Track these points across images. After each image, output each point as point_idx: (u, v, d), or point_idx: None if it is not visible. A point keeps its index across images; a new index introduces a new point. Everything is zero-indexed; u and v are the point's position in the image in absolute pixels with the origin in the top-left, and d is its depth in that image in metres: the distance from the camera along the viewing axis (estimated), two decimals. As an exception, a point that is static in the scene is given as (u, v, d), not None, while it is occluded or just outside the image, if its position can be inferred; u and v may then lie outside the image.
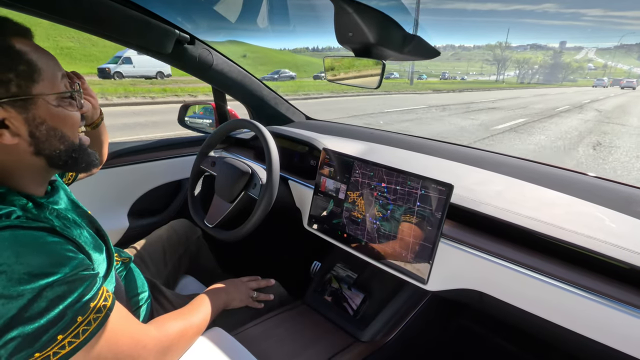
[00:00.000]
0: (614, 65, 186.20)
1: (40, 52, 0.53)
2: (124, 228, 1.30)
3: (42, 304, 0.43)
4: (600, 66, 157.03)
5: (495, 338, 1.12)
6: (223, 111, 1.54)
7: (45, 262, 0.45)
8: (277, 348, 0.82)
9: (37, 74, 0.51)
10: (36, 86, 0.51)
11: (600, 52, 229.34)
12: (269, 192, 0.92)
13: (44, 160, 0.55)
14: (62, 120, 0.55)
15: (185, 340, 0.67)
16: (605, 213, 0.75)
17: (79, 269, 0.48)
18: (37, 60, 0.52)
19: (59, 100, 0.54)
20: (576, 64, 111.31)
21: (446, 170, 0.98)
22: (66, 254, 0.48)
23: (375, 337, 0.89)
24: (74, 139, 0.57)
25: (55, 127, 0.54)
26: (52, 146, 0.54)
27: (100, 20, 0.95)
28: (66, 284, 0.46)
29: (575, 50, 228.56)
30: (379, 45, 0.82)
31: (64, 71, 0.57)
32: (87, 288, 0.48)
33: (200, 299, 0.80)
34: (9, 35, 0.50)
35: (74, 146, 0.57)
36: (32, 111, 0.51)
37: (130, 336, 0.53)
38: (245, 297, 0.91)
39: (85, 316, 0.47)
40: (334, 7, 0.74)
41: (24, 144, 0.52)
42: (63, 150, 0.56)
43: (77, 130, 0.58)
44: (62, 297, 0.45)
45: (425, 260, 0.76)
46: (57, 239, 0.48)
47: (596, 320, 0.60)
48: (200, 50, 1.23)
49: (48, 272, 0.44)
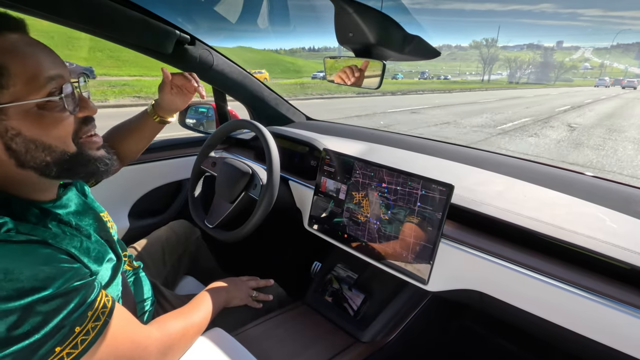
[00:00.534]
0: (611, 64, 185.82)
1: (22, 48, 0.46)
2: (124, 228, 1.30)
3: (36, 319, 0.41)
4: (597, 65, 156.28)
5: (496, 338, 1.12)
6: (223, 111, 1.54)
7: (37, 276, 0.42)
8: (277, 348, 0.82)
9: (7, 79, 0.44)
10: (5, 93, 0.44)
11: (597, 51, 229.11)
12: (269, 192, 0.92)
13: (33, 172, 0.49)
14: (43, 129, 0.48)
15: (187, 339, 0.67)
16: (606, 213, 0.75)
17: (74, 280, 0.46)
18: (7, 61, 0.44)
19: (41, 107, 0.47)
20: (569, 63, 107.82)
21: (447, 171, 0.97)
22: (59, 266, 0.45)
23: (375, 337, 0.89)
24: (65, 148, 0.50)
25: (35, 138, 0.47)
26: (35, 158, 0.48)
27: (101, 20, 0.95)
28: (61, 297, 0.43)
29: (573, 50, 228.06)
30: (379, 46, 0.82)
31: (56, 66, 0.50)
32: (83, 297, 0.46)
33: (201, 298, 0.79)
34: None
35: (65, 156, 0.50)
36: (3, 122, 0.45)
37: (130, 339, 0.53)
38: (245, 296, 0.91)
39: (83, 326, 0.45)
40: (334, 8, 0.74)
41: (4, 157, 0.47)
42: (50, 161, 0.49)
43: (69, 138, 0.51)
44: (58, 310, 0.43)
45: (425, 261, 0.76)
46: (49, 251, 0.46)
47: (596, 321, 0.60)
48: (201, 51, 1.23)
49: (39, 286, 0.42)
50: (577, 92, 31.80)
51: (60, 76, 0.50)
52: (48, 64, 0.49)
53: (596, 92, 32.94)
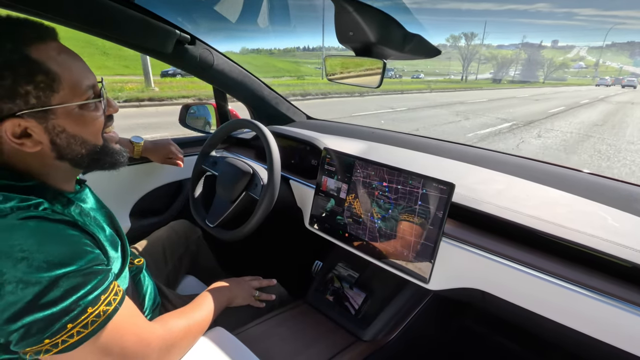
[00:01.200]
0: (605, 63, 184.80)
1: (64, 56, 0.52)
2: (125, 228, 1.30)
3: (57, 293, 0.45)
4: (591, 64, 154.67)
5: (497, 337, 1.12)
6: (224, 111, 1.54)
7: (64, 252, 0.47)
8: (278, 347, 0.82)
9: (57, 84, 0.51)
10: (56, 96, 0.51)
11: (591, 50, 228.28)
12: (270, 191, 0.92)
13: (68, 163, 0.57)
14: (83, 126, 0.55)
15: (189, 338, 0.67)
16: (607, 211, 0.75)
17: (94, 262, 0.50)
18: (57, 68, 0.50)
19: (81, 107, 0.54)
20: (559, 61, 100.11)
21: (447, 169, 0.97)
22: (84, 248, 0.50)
23: (377, 336, 0.89)
24: (96, 142, 0.58)
25: (76, 134, 0.55)
26: (73, 151, 0.56)
27: (101, 20, 0.95)
28: (81, 276, 0.48)
29: (568, 49, 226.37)
30: (379, 45, 0.82)
31: (91, 75, 0.57)
32: (100, 282, 0.50)
33: (204, 297, 0.80)
34: (26, 42, 0.49)
35: (96, 149, 0.58)
36: (51, 121, 0.52)
37: (135, 333, 0.54)
38: (248, 295, 0.91)
39: (95, 308, 0.48)
40: (334, 7, 0.74)
41: (47, 150, 0.53)
42: (85, 154, 0.57)
43: (100, 133, 0.59)
44: (76, 288, 0.47)
45: (426, 260, 0.76)
46: (77, 233, 0.51)
47: (598, 319, 0.60)
48: (201, 50, 1.23)
49: (65, 262, 0.47)
50: (556, 93, 25.56)
51: (94, 83, 0.58)
52: (86, 72, 0.56)
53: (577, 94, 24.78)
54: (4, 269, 0.44)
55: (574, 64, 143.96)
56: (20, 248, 0.44)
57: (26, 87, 0.48)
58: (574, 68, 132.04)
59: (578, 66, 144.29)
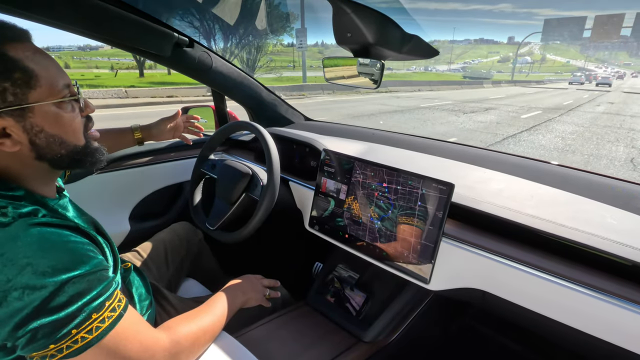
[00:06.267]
0: (552, 57, 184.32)
1: (39, 56, 0.52)
2: (125, 232, 1.30)
3: (62, 298, 0.46)
4: (538, 59, 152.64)
5: (498, 337, 1.12)
6: (223, 113, 1.54)
7: (68, 258, 0.48)
8: (280, 349, 0.82)
9: (34, 81, 0.51)
10: (33, 93, 0.51)
11: (544, 46, 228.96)
12: (269, 193, 0.92)
13: (47, 164, 0.56)
14: (61, 126, 0.55)
15: (197, 346, 0.65)
16: (607, 210, 0.75)
17: (98, 267, 0.51)
18: (34, 66, 0.51)
19: (58, 106, 0.54)
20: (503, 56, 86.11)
21: (447, 170, 0.97)
22: (87, 253, 0.50)
23: (378, 337, 0.88)
24: (76, 142, 0.58)
25: (54, 134, 0.54)
26: (53, 151, 0.55)
27: (100, 24, 0.95)
28: (86, 281, 0.48)
29: (523, 45, 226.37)
30: (377, 45, 0.82)
31: (65, 76, 0.57)
32: (104, 288, 0.50)
33: (215, 300, 0.76)
34: (2, 41, 0.49)
35: (77, 149, 0.58)
36: (29, 119, 0.51)
37: (139, 341, 0.53)
38: (261, 295, 0.89)
39: (100, 314, 0.49)
40: (332, 8, 0.74)
41: (26, 150, 0.53)
42: (65, 154, 0.57)
43: (81, 133, 0.59)
44: (82, 294, 0.47)
45: (427, 260, 0.76)
46: (80, 239, 0.51)
47: (598, 318, 0.60)
48: (199, 53, 1.23)
49: (70, 267, 0.47)
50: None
51: (70, 83, 0.58)
52: (61, 72, 0.56)
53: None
54: (9, 275, 0.44)
55: (520, 59, 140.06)
56: (24, 254, 0.45)
57: (3, 84, 0.48)
58: (519, 63, 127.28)
59: (523, 61, 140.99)
